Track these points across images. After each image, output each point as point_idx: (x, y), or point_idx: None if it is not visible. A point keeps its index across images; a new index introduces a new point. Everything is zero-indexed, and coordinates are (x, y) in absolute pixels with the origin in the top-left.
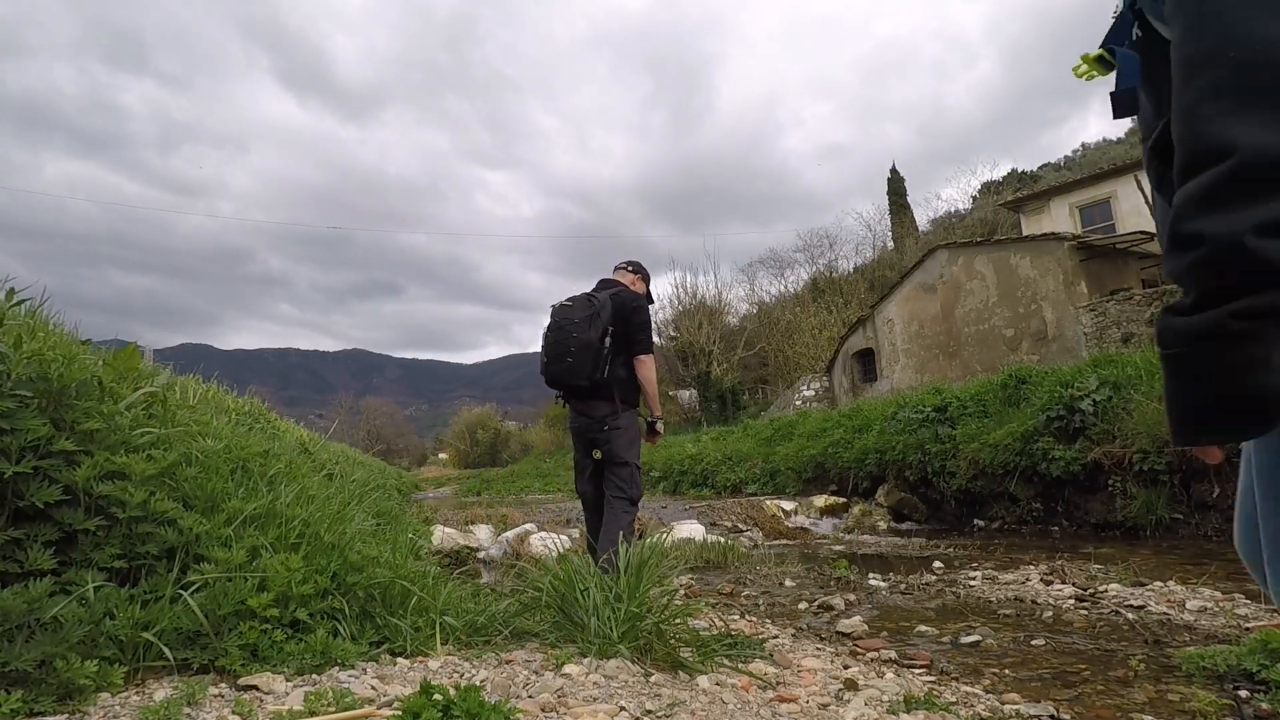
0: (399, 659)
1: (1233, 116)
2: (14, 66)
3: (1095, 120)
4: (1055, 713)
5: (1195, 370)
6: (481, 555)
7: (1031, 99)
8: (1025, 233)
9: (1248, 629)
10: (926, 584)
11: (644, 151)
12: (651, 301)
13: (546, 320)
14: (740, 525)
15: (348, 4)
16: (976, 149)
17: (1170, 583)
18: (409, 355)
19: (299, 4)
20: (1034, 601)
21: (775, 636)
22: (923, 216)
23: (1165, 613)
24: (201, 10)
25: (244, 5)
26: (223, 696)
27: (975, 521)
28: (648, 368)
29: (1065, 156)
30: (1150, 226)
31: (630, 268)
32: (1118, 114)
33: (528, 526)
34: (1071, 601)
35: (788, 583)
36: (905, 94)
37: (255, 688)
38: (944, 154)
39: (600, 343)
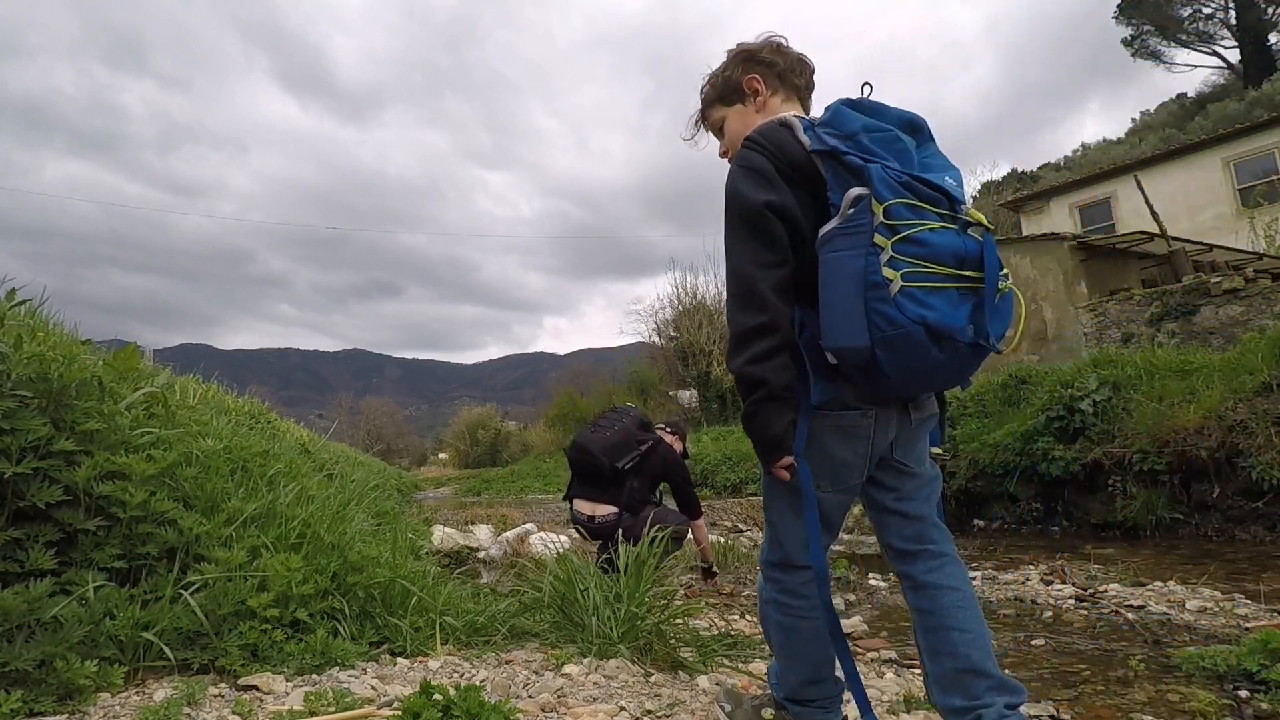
0: (399, 659)
1: (733, 310)
2: (15, 67)
3: (1092, 121)
4: (1055, 713)
5: (749, 430)
6: (481, 555)
7: (1028, 101)
8: (1025, 233)
9: (1248, 629)
10: None
11: (643, 152)
12: (687, 457)
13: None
14: (740, 525)
15: (346, 5)
16: (973, 151)
17: (1170, 583)
18: (409, 355)
19: (298, 5)
20: (1034, 601)
21: None
22: None
23: (1165, 613)
24: (201, 11)
25: (243, 6)
26: (223, 696)
27: (975, 521)
28: (701, 530)
29: (1065, 156)
30: (1150, 227)
31: (670, 429)
32: None
33: (528, 526)
34: (1071, 601)
35: None
36: (903, 95)
37: (255, 688)
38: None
39: (637, 444)
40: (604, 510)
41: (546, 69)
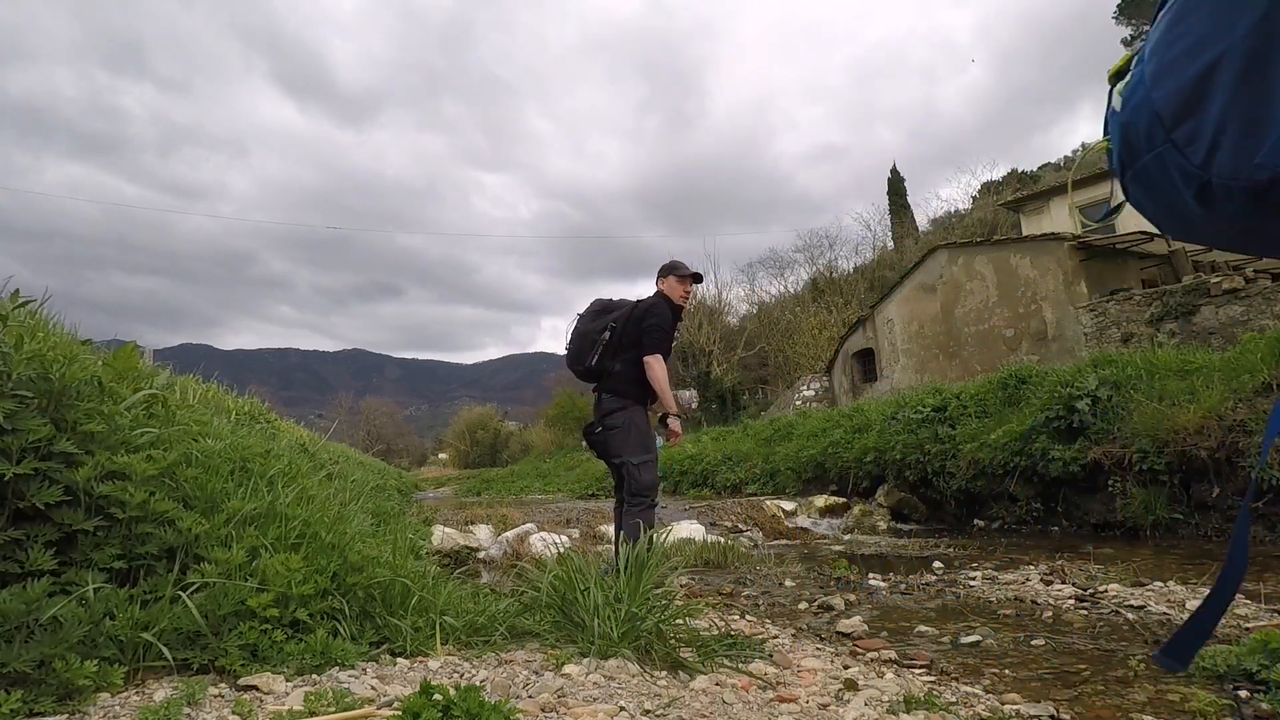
0: (399, 659)
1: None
2: (16, 70)
3: (1084, 124)
4: (1055, 713)
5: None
6: (481, 555)
7: (1021, 103)
8: (1025, 233)
9: (1248, 629)
10: (926, 584)
11: (639, 155)
12: (674, 299)
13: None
14: (740, 525)
15: (343, 8)
16: (968, 152)
17: (1170, 583)
18: (408, 355)
19: (296, 9)
20: (1034, 601)
21: (775, 636)
22: (921, 217)
23: (1165, 613)
24: (201, 15)
25: (242, 10)
26: (223, 696)
27: (975, 521)
28: (653, 368)
29: (1065, 157)
30: (1150, 227)
31: (661, 271)
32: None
33: (528, 527)
34: (1071, 601)
35: (788, 583)
36: (897, 97)
37: (255, 688)
38: (937, 156)
39: (598, 334)
40: (595, 421)
41: (541, 72)
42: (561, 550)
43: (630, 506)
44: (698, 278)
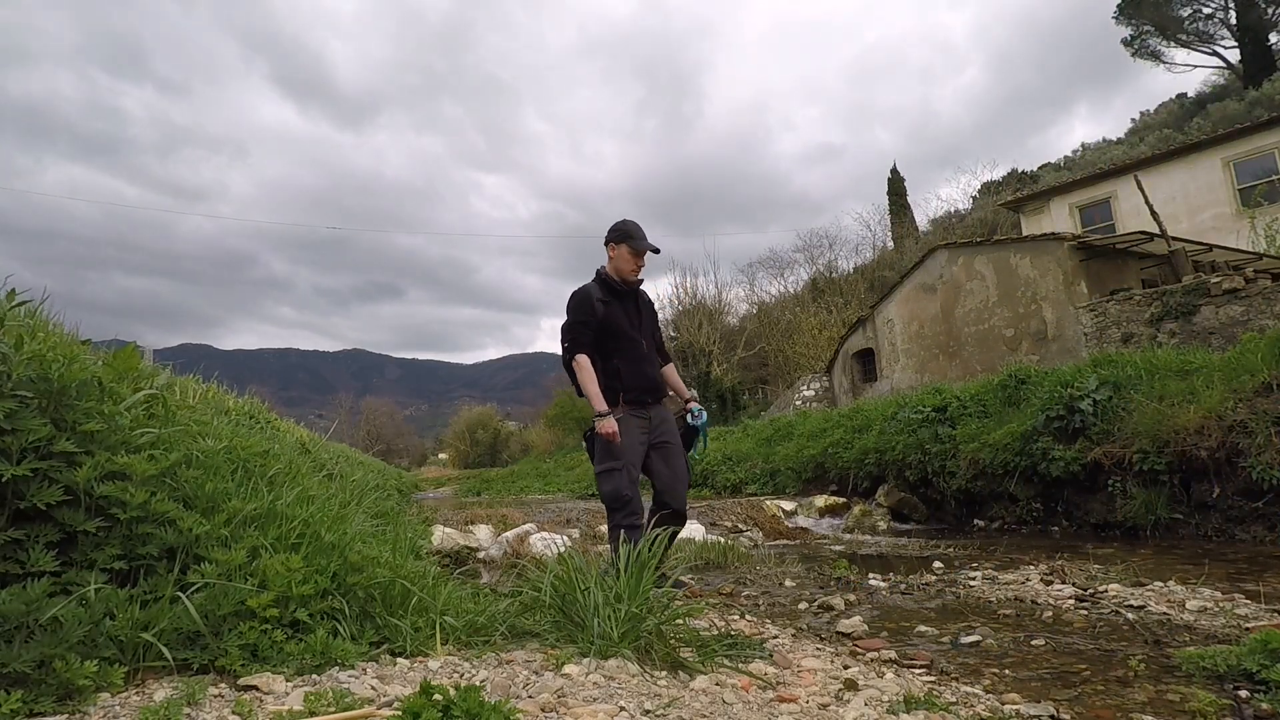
0: (399, 659)
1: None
2: (17, 71)
3: (1081, 125)
4: (1055, 713)
5: None
6: (481, 555)
7: (1018, 104)
8: (1025, 233)
9: (1248, 629)
10: (926, 584)
11: (637, 156)
12: (622, 275)
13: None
14: (740, 525)
15: (342, 10)
16: (967, 153)
17: (1170, 583)
18: (408, 355)
19: (295, 10)
20: (1034, 601)
21: (775, 636)
22: (921, 217)
23: (1165, 613)
24: (201, 17)
25: (242, 12)
26: (223, 696)
27: (975, 521)
28: (574, 370)
29: (1065, 157)
30: (1150, 227)
31: (613, 236)
32: None
33: (528, 527)
34: (1071, 601)
35: (788, 583)
36: (894, 99)
37: (255, 688)
38: (934, 157)
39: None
40: None
41: (539, 74)
42: (561, 550)
43: (610, 524)
44: (654, 249)
